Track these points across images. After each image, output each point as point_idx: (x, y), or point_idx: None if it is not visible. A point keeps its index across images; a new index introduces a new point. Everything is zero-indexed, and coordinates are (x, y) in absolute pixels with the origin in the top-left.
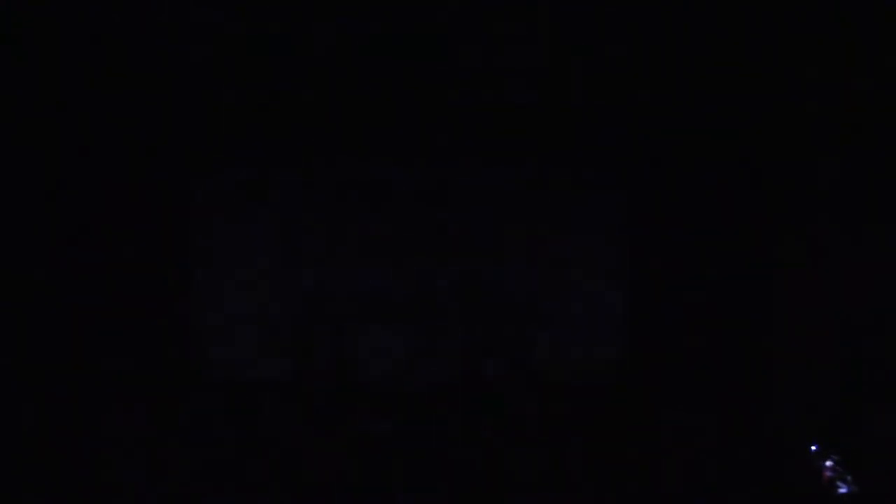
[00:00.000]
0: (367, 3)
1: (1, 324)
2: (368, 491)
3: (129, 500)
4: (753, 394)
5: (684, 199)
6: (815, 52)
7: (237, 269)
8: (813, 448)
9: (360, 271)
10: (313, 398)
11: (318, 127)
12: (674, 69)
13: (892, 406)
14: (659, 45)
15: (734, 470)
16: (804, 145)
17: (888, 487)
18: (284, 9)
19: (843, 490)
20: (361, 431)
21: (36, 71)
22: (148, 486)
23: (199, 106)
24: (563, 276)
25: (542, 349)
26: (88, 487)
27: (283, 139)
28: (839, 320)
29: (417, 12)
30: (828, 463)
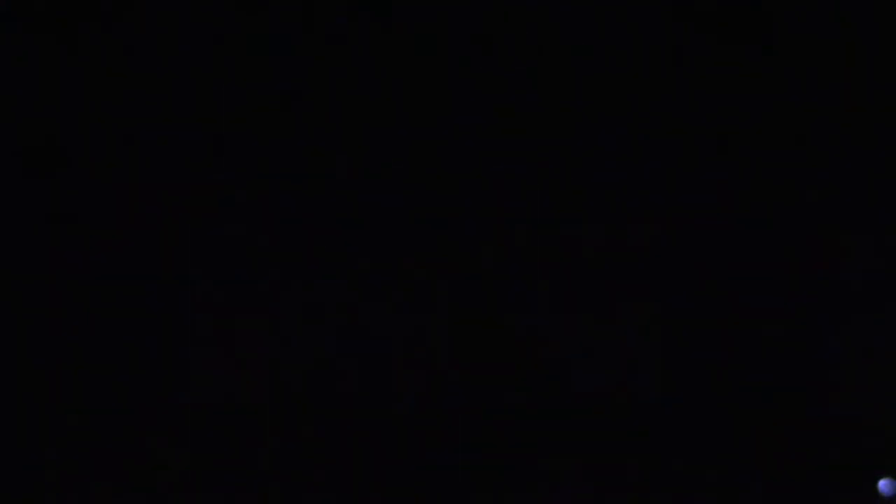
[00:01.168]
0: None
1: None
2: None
3: None
4: (806, 416)
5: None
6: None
7: (229, 273)
8: (881, 484)
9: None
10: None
11: (318, 127)
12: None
13: None
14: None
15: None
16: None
17: None
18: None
19: None
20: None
21: (35, 69)
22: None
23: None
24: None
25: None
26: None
27: (283, 140)
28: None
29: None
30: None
